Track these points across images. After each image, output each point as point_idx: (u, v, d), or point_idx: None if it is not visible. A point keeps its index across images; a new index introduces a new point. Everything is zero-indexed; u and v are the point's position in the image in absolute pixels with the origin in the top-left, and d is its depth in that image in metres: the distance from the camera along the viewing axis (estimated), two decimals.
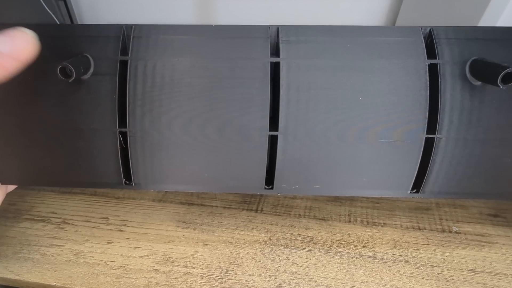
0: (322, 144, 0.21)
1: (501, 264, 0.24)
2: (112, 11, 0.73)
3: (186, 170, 0.22)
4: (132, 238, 0.27)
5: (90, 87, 0.21)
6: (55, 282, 0.24)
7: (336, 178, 0.22)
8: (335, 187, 0.22)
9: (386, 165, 0.22)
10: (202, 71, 0.21)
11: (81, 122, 0.22)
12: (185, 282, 0.24)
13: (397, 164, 0.21)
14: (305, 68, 0.21)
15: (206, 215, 0.29)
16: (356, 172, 0.22)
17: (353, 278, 0.24)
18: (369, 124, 0.21)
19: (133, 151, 0.22)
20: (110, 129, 0.22)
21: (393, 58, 0.21)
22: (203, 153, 0.22)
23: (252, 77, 0.21)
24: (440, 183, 0.22)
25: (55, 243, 0.27)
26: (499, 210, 0.28)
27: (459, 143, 0.21)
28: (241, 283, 0.24)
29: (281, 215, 0.29)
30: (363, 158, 0.21)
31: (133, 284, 0.24)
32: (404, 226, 0.27)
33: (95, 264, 0.25)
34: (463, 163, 0.21)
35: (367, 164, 0.22)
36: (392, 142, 0.21)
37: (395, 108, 0.21)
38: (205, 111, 0.21)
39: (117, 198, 0.31)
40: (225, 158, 0.22)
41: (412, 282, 0.23)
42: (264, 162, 0.22)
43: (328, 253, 0.26)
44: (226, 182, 0.23)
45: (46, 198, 0.31)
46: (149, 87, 0.21)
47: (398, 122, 0.21)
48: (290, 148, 0.22)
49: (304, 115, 0.21)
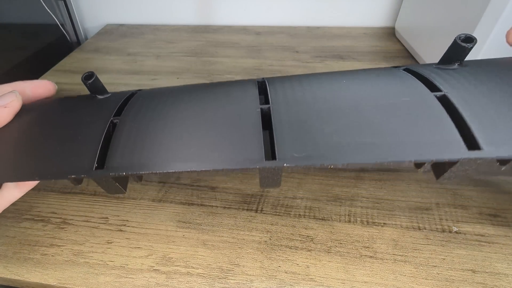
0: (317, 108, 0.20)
1: (501, 264, 0.24)
2: (112, 11, 0.73)
3: (176, 148, 0.21)
4: (132, 238, 0.27)
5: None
6: (55, 282, 0.24)
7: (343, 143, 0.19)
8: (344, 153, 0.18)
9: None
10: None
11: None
12: (185, 282, 0.24)
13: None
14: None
15: (206, 215, 0.29)
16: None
17: (353, 278, 0.24)
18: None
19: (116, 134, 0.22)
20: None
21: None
22: (194, 131, 0.21)
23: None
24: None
25: (55, 243, 0.27)
26: (499, 210, 0.28)
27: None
28: (241, 283, 0.24)
29: (281, 215, 0.29)
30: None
31: (133, 284, 0.24)
32: (404, 226, 0.27)
33: (95, 264, 0.25)
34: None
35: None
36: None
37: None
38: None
39: (117, 198, 0.31)
40: (216, 135, 0.20)
41: (412, 282, 0.23)
42: (259, 131, 0.20)
43: (328, 253, 0.26)
44: (221, 158, 0.20)
45: (46, 198, 0.31)
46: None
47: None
48: (285, 114, 0.20)
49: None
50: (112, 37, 0.68)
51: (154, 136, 0.21)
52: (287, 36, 0.66)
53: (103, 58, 0.59)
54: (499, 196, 0.29)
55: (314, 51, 0.59)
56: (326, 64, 0.54)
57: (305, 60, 0.56)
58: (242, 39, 0.65)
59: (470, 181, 0.31)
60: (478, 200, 0.29)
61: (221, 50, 0.60)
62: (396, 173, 0.32)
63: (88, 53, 0.62)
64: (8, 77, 0.54)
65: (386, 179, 0.32)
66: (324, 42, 0.62)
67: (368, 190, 0.31)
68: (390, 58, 0.56)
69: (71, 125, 0.24)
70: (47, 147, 0.22)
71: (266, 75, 0.51)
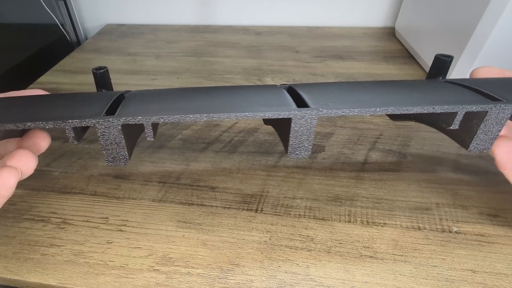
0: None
1: (501, 264, 0.24)
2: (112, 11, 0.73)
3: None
4: (132, 238, 0.27)
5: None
6: (55, 282, 0.24)
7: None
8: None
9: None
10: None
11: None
12: (185, 282, 0.24)
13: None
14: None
15: (206, 215, 0.29)
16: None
17: (353, 278, 0.24)
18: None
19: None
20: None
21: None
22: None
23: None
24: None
25: (55, 243, 0.27)
26: (499, 210, 0.28)
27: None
28: (241, 283, 0.24)
29: (281, 215, 0.29)
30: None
31: (133, 284, 0.24)
32: (404, 226, 0.27)
33: (95, 264, 0.25)
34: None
35: None
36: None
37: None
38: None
39: (117, 198, 0.31)
40: (243, 95, 0.22)
41: (412, 282, 0.23)
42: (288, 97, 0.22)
43: (328, 253, 0.26)
44: (250, 107, 0.21)
45: (46, 198, 0.31)
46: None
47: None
48: (306, 91, 0.22)
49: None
50: (112, 37, 0.68)
51: (171, 97, 0.21)
52: (287, 36, 0.66)
53: (103, 58, 0.59)
54: (499, 196, 0.29)
55: (314, 51, 0.59)
56: (326, 64, 0.54)
57: (305, 60, 0.56)
58: (242, 39, 0.65)
59: (470, 181, 0.31)
60: (478, 200, 0.29)
61: (221, 50, 0.60)
62: (396, 173, 0.32)
63: (88, 53, 0.62)
64: (8, 77, 0.54)
65: (386, 179, 0.32)
66: (324, 42, 0.62)
67: (368, 190, 0.31)
68: (390, 58, 0.56)
69: (77, 100, 0.22)
70: (51, 106, 0.21)
71: (266, 75, 0.51)
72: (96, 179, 0.33)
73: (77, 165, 0.35)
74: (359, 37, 0.64)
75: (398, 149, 0.35)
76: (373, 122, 0.39)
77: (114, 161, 0.21)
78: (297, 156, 0.21)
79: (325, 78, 0.50)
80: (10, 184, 0.19)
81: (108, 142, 0.20)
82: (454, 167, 0.33)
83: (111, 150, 0.20)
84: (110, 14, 0.74)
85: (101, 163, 0.35)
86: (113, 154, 0.20)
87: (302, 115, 0.20)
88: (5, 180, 0.19)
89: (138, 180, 0.32)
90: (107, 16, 0.74)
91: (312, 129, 0.20)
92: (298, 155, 0.21)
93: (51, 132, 0.23)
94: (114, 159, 0.21)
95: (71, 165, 0.35)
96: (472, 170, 0.32)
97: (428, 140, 0.37)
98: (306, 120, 0.20)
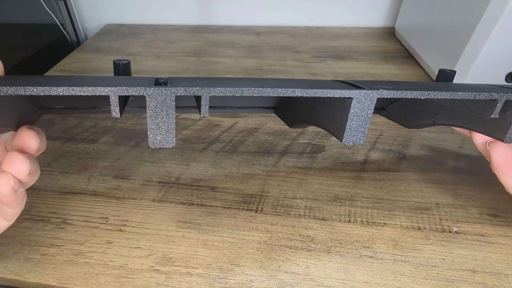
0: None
1: (501, 264, 0.24)
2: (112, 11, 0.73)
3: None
4: (132, 238, 0.27)
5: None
6: (55, 282, 0.24)
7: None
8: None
9: None
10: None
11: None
12: (185, 282, 0.24)
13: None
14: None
15: (206, 215, 0.29)
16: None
17: (353, 278, 0.24)
18: None
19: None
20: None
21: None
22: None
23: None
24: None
25: (55, 243, 0.27)
26: (499, 210, 0.28)
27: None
28: (241, 283, 0.24)
29: (281, 215, 0.29)
30: None
31: (133, 284, 0.24)
32: (404, 226, 0.27)
33: (95, 264, 0.25)
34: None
35: None
36: None
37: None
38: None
39: (117, 198, 0.31)
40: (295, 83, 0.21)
41: (412, 282, 0.23)
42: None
43: (328, 253, 0.26)
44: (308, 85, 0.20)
45: (46, 198, 0.31)
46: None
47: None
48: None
49: None
50: (112, 37, 0.68)
51: (217, 80, 0.20)
52: (287, 36, 0.66)
53: (103, 58, 0.59)
54: (499, 196, 0.29)
55: (314, 51, 0.59)
56: (326, 64, 0.54)
57: (305, 60, 0.56)
58: (242, 39, 0.65)
59: (470, 181, 0.31)
60: (478, 200, 0.29)
61: (221, 50, 0.60)
62: (396, 173, 0.32)
63: (88, 53, 0.62)
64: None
65: (386, 179, 0.32)
66: (324, 42, 0.62)
67: (368, 190, 0.31)
68: (390, 58, 0.56)
69: (115, 79, 0.20)
70: (87, 80, 0.19)
71: (266, 75, 0.51)
72: (96, 179, 0.33)
73: (77, 165, 0.35)
74: (359, 37, 0.64)
75: (398, 149, 0.35)
76: (373, 122, 0.39)
77: (161, 141, 0.19)
78: (353, 142, 0.21)
79: (324, 78, 0.50)
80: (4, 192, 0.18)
81: (158, 118, 0.18)
82: (454, 167, 0.33)
83: (159, 128, 0.18)
84: (110, 14, 0.74)
85: (101, 163, 0.35)
86: (161, 132, 0.18)
87: (365, 94, 0.19)
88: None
89: (138, 180, 0.32)
90: (107, 16, 0.74)
91: (371, 111, 0.20)
92: (355, 140, 0.21)
93: (51, 133, 0.23)
94: (161, 138, 0.19)
95: (71, 165, 0.35)
96: (472, 170, 0.32)
97: (428, 140, 0.37)
98: (367, 100, 0.19)
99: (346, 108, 0.20)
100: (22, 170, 0.18)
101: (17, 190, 0.19)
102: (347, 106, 0.20)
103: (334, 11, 0.68)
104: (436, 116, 0.27)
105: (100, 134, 0.39)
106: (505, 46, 0.36)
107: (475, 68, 0.38)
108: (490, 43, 0.36)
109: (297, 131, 0.38)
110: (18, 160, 0.18)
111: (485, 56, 0.37)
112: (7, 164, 0.18)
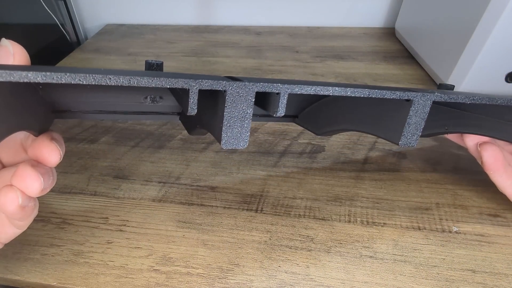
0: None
1: (501, 264, 0.24)
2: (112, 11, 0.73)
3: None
4: (132, 238, 0.27)
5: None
6: (55, 282, 0.24)
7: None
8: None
9: None
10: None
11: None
12: (185, 282, 0.24)
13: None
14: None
15: (206, 215, 0.29)
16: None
17: (353, 278, 0.24)
18: None
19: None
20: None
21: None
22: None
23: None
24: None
25: (55, 243, 0.27)
26: (499, 210, 0.28)
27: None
28: (241, 283, 0.24)
29: (281, 215, 0.29)
30: None
31: (133, 284, 0.24)
32: (404, 226, 0.27)
33: (95, 264, 0.25)
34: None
35: None
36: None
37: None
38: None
39: (117, 198, 0.31)
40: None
41: (412, 282, 0.23)
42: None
43: (328, 253, 0.26)
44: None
45: (46, 198, 0.31)
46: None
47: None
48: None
49: None
50: (112, 37, 0.68)
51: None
52: (287, 36, 0.66)
53: (103, 58, 0.59)
54: (499, 196, 0.29)
55: (314, 51, 0.59)
56: (326, 64, 0.54)
57: (305, 60, 0.56)
58: (242, 39, 0.65)
59: (470, 181, 0.31)
60: (478, 200, 0.29)
61: (221, 50, 0.60)
62: (396, 173, 0.32)
63: (88, 53, 0.62)
64: None
65: (386, 179, 0.32)
66: (324, 42, 0.62)
67: (368, 190, 0.31)
68: (390, 58, 0.56)
69: (174, 74, 0.18)
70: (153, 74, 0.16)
71: (266, 75, 0.51)
72: (96, 179, 0.33)
73: (77, 165, 0.35)
74: (359, 37, 0.64)
75: (398, 149, 0.35)
76: None
77: (235, 141, 0.18)
78: (409, 145, 0.21)
79: (325, 78, 0.50)
80: (11, 210, 0.16)
81: (235, 115, 0.17)
82: (454, 167, 0.33)
83: (235, 126, 0.17)
84: (110, 14, 0.74)
85: (101, 163, 0.35)
86: (235, 131, 0.17)
87: (424, 97, 0.19)
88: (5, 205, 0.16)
89: (138, 180, 0.32)
90: (107, 16, 0.74)
91: (426, 114, 0.20)
92: (410, 142, 0.21)
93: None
94: (235, 138, 0.17)
95: (71, 165, 0.35)
96: (472, 170, 0.32)
97: (428, 140, 0.37)
98: (425, 102, 0.20)
99: (404, 111, 0.20)
100: (33, 188, 0.17)
101: (25, 206, 0.17)
102: (406, 108, 0.20)
103: (334, 11, 0.68)
104: (449, 124, 0.27)
105: (100, 134, 0.39)
106: (505, 46, 0.36)
107: (475, 68, 0.38)
108: (490, 43, 0.36)
109: (297, 131, 0.38)
110: (31, 178, 0.16)
111: (485, 56, 0.37)
112: (18, 179, 0.16)
